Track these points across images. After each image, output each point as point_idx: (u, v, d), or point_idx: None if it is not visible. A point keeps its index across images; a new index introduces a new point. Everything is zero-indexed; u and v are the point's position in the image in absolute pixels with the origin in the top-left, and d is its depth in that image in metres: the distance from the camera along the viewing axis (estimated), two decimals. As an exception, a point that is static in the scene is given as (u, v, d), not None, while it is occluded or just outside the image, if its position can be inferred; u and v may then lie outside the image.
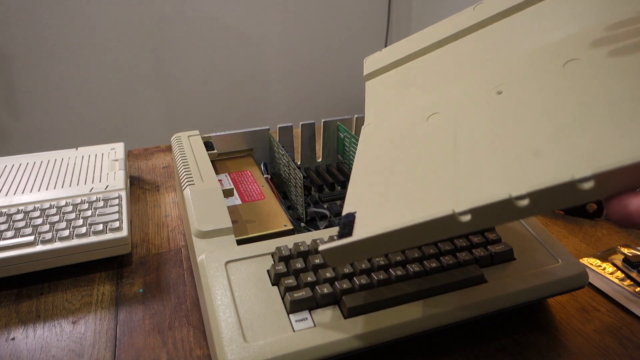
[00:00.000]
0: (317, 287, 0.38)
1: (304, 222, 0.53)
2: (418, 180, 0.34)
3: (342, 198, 0.58)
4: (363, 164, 0.40)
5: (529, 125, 0.31)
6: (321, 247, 0.32)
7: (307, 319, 0.37)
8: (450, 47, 0.46)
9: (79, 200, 0.56)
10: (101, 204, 0.56)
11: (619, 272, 0.49)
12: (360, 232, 0.33)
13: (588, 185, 0.24)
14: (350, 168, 0.62)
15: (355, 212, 0.35)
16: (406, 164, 0.37)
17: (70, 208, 0.54)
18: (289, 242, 0.43)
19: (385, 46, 2.05)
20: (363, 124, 0.47)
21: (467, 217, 0.28)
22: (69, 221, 0.52)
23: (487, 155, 0.32)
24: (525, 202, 0.26)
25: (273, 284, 0.40)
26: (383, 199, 0.35)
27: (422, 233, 0.30)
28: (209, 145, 0.59)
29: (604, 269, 0.49)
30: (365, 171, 0.39)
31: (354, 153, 0.60)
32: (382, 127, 0.43)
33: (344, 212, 0.37)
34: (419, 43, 0.49)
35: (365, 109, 0.48)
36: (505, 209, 0.27)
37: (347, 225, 0.35)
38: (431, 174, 0.34)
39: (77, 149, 0.70)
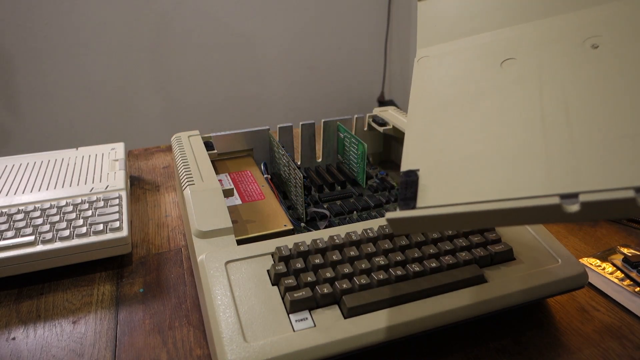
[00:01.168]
0: (317, 287, 0.38)
1: (304, 222, 0.53)
2: (496, 144, 0.29)
3: (342, 198, 0.58)
4: (422, 109, 0.34)
5: (637, 99, 0.26)
6: (388, 215, 0.30)
7: (307, 319, 0.37)
8: None
9: (79, 200, 0.56)
10: (101, 204, 0.56)
11: (618, 272, 0.49)
12: (430, 200, 0.29)
13: None
14: (350, 168, 0.62)
15: (418, 171, 0.31)
16: (479, 119, 0.31)
17: (70, 208, 0.54)
18: (289, 242, 0.43)
19: (386, 46, 2.05)
20: (417, 54, 0.40)
21: (575, 208, 0.23)
22: (69, 221, 0.52)
23: (585, 129, 0.26)
24: None
25: (273, 284, 0.40)
26: (451, 158, 0.30)
27: (507, 217, 0.26)
28: (209, 145, 0.59)
29: (604, 269, 0.50)
30: (425, 119, 0.34)
31: (354, 153, 0.60)
32: (443, 64, 0.37)
33: (403, 168, 0.32)
34: None
35: (417, 34, 0.41)
36: (622, 207, 0.23)
37: (409, 185, 0.30)
38: (512, 138, 0.29)
39: (77, 149, 0.70)
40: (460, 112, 0.33)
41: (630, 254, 0.51)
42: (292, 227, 0.48)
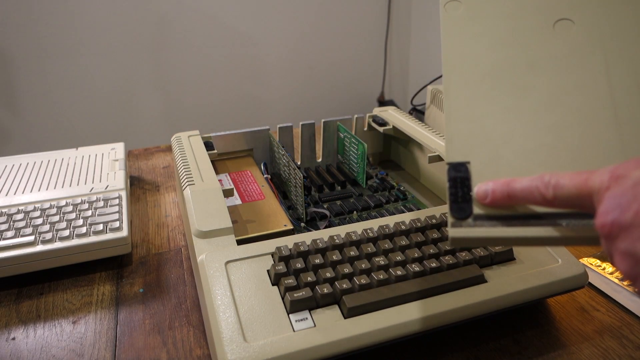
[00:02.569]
0: (317, 287, 0.38)
1: (304, 222, 0.53)
2: (562, 137, 0.25)
3: (342, 198, 0.58)
4: (462, 79, 0.30)
5: None
6: (452, 233, 0.27)
7: (307, 319, 0.37)
8: None
9: (79, 200, 0.56)
10: (101, 204, 0.56)
11: (618, 272, 0.49)
12: (491, 208, 0.26)
13: None
14: (350, 168, 0.62)
15: (469, 164, 0.27)
16: (536, 100, 0.27)
17: (70, 208, 0.54)
18: (289, 242, 0.43)
19: (386, 46, 2.05)
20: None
21: None
22: (69, 221, 0.52)
23: None
24: None
25: (273, 284, 0.40)
26: (509, 152, 0.26)
27: (582, 240, 0.24)
28: (209, 145, 0.59)
29: (604, 268, 0.49)
30: (467, 93, 0.29)
31: (354, 153, 0.60)
32: (478, 15, 0.31)
33: (448, 157, 0.28)
34: None
35: None
36: None
37: (461, 184, 0.27)
38: (581, 132, 0.25)
39: (77, 149, 0.70)
40: (511, 87, 0.28)
41: (630, 254, 0.51)
42: (292, 227, 0.48)
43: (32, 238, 0.49)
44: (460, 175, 0.27)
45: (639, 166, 0.23)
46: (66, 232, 0.50)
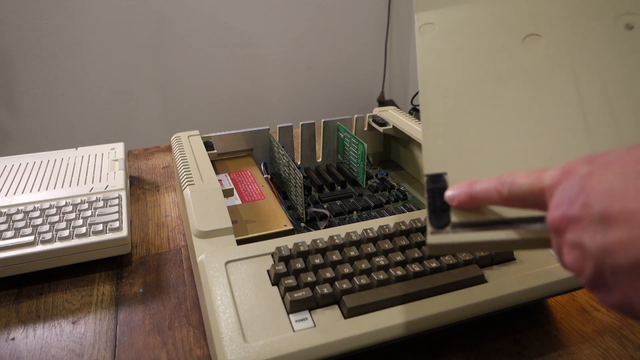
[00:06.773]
0: (317, 287, 0.38)
1: (304, 222, 0.53)
2: (534, 144, 0.26)
3: (342, 198, 0.58)
4: (437, 94, 0.31)
5: None
6: (430, 241, 0.28)
7: (307, 319, 0.37)
8: None
9: (78, 200, 0.56)
10: (101, 204, 0.56)
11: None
12: (468, 215, 0.27)
13: None
14: (350, 168, 0.62)
15: (446, 175, 0.28)
16: (508, 110, 0.28)
17: (70, 208, 0.54)
18: (289, 242, 0.43)
19: (386, 46, 2.05)
20: (417, 19, 0.34)
21: None
22: (68, 221, 0.52)
23: (636, 131, 0.24)
24: None
25: (273, 284, 0.40)
26: (483, 161, 0.27)
27: (549, 245, 0.25)
28: (209, 145, 0.59)
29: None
30: (442, 107, 0.30)
31: (354, 153, 0.60)
32: (451, 36, 0.32)
33: (426, 169, 0.30)
34: None
35: None
36: None
37: (438, 194, 0.28)
38: (552, 137, 0.26)
39: (77, 149, 0.70)
40: (485, 99, 0.29)
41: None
42: (292, 227, 0.48)
43: (31, 238, 0.49)
44: (437, 186, 0.29)
45: (587, 162, 0.24)
46: (66, 232, 0.50)
